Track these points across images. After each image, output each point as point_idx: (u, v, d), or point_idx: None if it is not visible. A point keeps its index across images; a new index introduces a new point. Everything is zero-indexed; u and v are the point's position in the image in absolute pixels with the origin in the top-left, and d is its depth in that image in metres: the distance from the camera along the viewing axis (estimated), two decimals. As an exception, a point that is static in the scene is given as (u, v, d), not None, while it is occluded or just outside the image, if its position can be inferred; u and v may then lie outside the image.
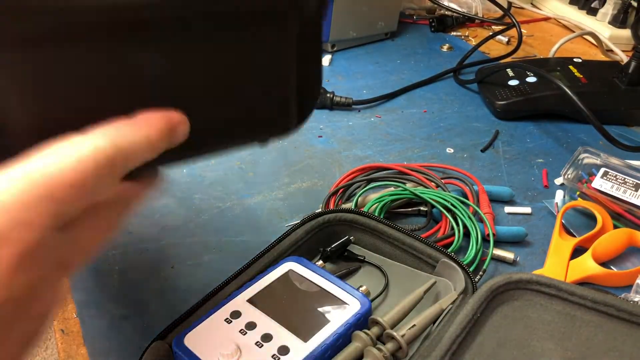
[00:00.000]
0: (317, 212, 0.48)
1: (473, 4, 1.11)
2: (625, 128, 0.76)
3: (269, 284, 0.41)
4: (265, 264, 0.43)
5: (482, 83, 0.83)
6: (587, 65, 0.82)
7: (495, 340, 0.38)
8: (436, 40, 1.03)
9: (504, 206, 0.59)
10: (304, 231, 0.47)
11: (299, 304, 0.40)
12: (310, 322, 0.38)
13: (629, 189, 0.56)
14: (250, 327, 0.37)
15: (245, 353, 0.35)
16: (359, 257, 0.47)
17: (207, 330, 0.37)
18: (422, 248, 0.45)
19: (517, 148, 0.71)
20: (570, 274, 0.50)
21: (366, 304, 0.39)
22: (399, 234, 0.46)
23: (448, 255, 0.44)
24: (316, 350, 0.36)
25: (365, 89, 0.83)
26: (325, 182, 0.60)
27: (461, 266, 0.43)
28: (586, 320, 0.39)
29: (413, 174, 0.59)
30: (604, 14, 1.06)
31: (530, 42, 1.05)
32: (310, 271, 0.42)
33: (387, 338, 0.37)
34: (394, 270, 0.46)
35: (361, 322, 0.39)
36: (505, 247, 0.53)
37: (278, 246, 0.45)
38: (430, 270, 0.45)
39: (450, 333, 0.37)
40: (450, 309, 0.40)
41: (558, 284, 0.40)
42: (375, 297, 0.44)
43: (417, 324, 0.38)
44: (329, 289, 0.40)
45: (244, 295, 0.40)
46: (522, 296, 0.41)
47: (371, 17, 0.96)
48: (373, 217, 0.48)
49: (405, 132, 0.73)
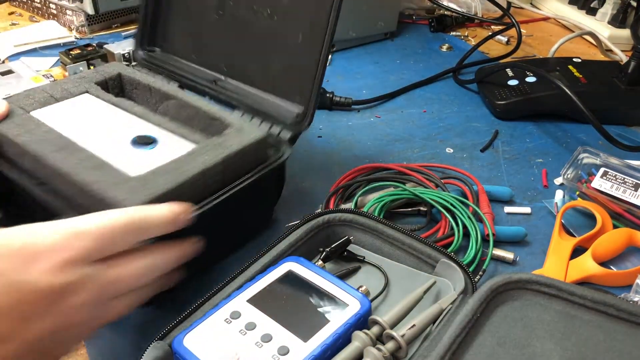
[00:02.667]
0: (317, 212, 0.48)
1: (472, 4, 1.11)
2: (624, 128, 0.76)
3: (268, 284, 0.41)
4: (265, 264, 0.43)
5: (482, 83, 0.83)
6: (586, 65, 0.82)
7: (495, 340, 0.38)
8: (436, 40, 1.03)
9: (504, 206, 0.59)
10: (304, 231, 0.47)
11: (298, 304, 0.40)
12: (310, 322, 0.38)
13: (629, 189, 0.56)
14: (250, 327, 0.37)
15: (245, 353, 0.35)
16: (358, 257, 0.47)
17: (207, 330, 0.37)
18: (421, 248, 0.45)
19: (517, 148, 0.71)
20: (570, 273, 0.50)
21: (366, 304, 0.39)
22: (398, 234, 0.46)
23: (448, 255, 0.44)
24: (316, 350, 0.36)
25: (364, 89, 0.83)
26: (325, 182, 0.60)
27: (461, 266, 0.43)
28: (586, 320, 0.39)
29: (412, 174, 0.59)
30: (603, 14, 1.06)
31: (529, 42, 1.05)
32: (310, 271, 0.42)
33: (386, 338, 0.38)
34: (393, 270, 0.46)
35: (361, 322, 0.39)
36: (505, 247, 0.53)
37: (278, 246, 0.45)
38: (430, 270, 0.45)
39: (450, 333, 0.37)
40: (450, 309, 0.40)
41: (558, 284, 0.40)
42: (375, 297, 0.44)
43: (417, 324, 0.38)
44: (328, 289, 0.40)
45: (244, 296, 0.40)
46: (522, 296, 0.41)
47: (371, 17, 0.96)
48: (373, 217, 0.48)
49: (404, 132, 0.73)
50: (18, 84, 0.71)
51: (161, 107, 0.55)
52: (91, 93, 0.54)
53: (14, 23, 0.99)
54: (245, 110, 0.57)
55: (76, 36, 0.94)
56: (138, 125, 0.50)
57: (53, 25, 0.97)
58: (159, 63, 0.63)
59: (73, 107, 0.52)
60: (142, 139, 0.48)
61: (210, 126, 0.51)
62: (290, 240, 0.45)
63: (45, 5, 0.99)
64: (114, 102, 0.53)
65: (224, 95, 0.59)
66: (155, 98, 0.55)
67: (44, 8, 1.00)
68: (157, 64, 0.63)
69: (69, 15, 0.96)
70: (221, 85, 0.60)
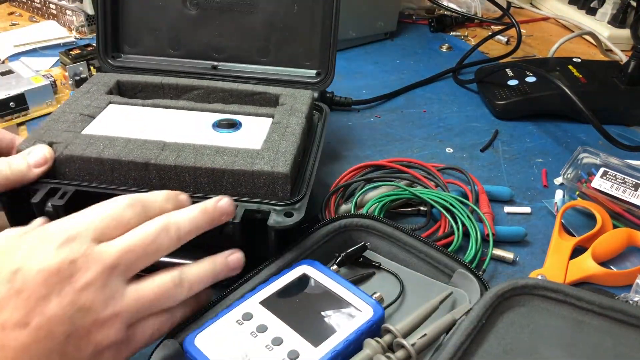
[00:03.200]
0: (334, 216, 0.47)
1: (472, 4, 1.11)
2: (624, 128, 0.76)
3: (282, 286, 0.41)
4: (279, 267, 0.43)
5: (482, 83, 0.83)
6: (586, 65, 0.82)
7: (502, 347, 0.37)
8: (435, 40, 1.03)
9: (504, 206, 0.59)
10: (320, 235, 0.46)
11: (311, 308, 0.39)
12: (321, 327, 0.37)
13: (629, 189, 0.56)
14: (261, 329, 0.37)
15: (254, 356, 0.35)
16: (374, 264, 0.47)
17: (219, 331, 0.37)
18: (438, 257, 0.45)
19: (517, 148, 0.71)
20: (570, 273, 0.50)
21: (379, 311, 0.39)
22: (416, 241, 0.46)
23: (465, 265, 0.43)
24: (326, 356, 0.35)
25: (364, 89, 0.83)
26: (325, 181, 0.60)
27: (478, 277, 0.42)
28: (594, 326, 0.38)
29: (411, 172, 0.59)
30: (603, 14, 1.06)
31: (529, 42, 1.05)
32: (324, 275, 0.41)
33: (397, 346, 0.37)
34: (409, 279, 0.45)
35: (373, 329, 0.38)
36: (505, 247, 0.53)
37: (293, 249, 0.44)
38: (447, 280, 0.44)
39: (455, 340, 0.36)
40: (462, 319, 0.39)
41: (565, 289, 0.39)
42: (389, 304, 0.43)
43: (428, 334, 0.37)
44: (342, 294, 0.40)
45: (257, 297, 0.39)
46: (529, 302, 0.40)
47: (371, 17, 0.96)
48: (390, 224, 0.47)
49: (404, 132, 0.73)
50: (18, 84, 0.71)
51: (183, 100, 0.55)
52: (115, 102, 0.53)
53: (14, 23, 0.99)
54: (262, 83, 0.58)
55: (76, 36, 0.94)
56: (197, 116, 0.51)
57: (53, 26, 0.97)
58: (130, 65, 0.61)
59: (115, 118, 0.50)
60: (225, 122, 0.50)
61: (260, 101, 0.54)
62: (307, 244, 0.45)
63: (45, 5, 0.99)
64: (148, 105, 0.53)
65: (229, 77, 0.60)
66: (171, 94, 0.55)
67: (43, 8, 1.00)
68: (129, 67, 0.61)
69: (68, 16, 0.96)
70: (223, 69, 0.61)
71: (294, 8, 0.60)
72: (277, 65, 0.62)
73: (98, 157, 0.43)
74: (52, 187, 0.42)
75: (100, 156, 0.43)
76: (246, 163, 0.43)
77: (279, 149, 0.45)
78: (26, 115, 0.71)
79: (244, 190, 0.43)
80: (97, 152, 0.44)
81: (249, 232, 0.42)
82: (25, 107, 0.70)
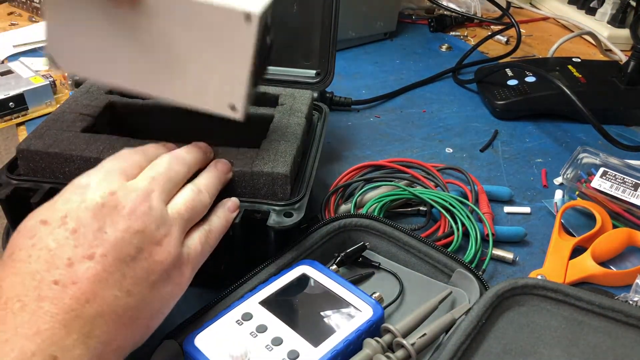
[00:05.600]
0: (333, 216, 0.47)
1: (472, 4, 1.11)
2: (624, 128, 0.76)
3: (281, 287, 0.41)
4: (279, 267, 0.43)
5: (481, 83, 0.83)
6: (586, 65, 0.82)
7: (501, 346, 0.37)
8: (435, 40, 1.03)
9: (503, 206, 0.59)
10: (320, 235, 0.46)
11: (311, 308, 0.39)
12: (321, 327, 0.37)
13: (628, 189, 0.56)
14: (261, 329, 0.37)
15: (254, 356, 0.35)
16: (373, 263, 0.47)
17: (218, 331, 0.37)
18: (438, 257, 0.45)
19: (516, 148, 0.71)
20: (570, 273, 0.50)
21: (379, 311, 0.39)
22: (415, 241, 0.46)
23: (464, 265, 0.43)
24: (326, 356, 0.35)
25: (364, 89, 0.83)
26: (324, 181, 0.60)
27: (477, 277, 0.42)
28: (594, 326, 0.38)
29: (411, 172, 0.59)
30: (602, 14, 1.06)
31: (529, 41, 1.05)
32: (323, 275, 0.41)
33: (397, 346, 0.37)
34: (409, 278, 0.45)
35: (373, 329, 0.38)
36: (505, 247, 0.53)
37: (292, 249, 0.44)
38: (446, 280, 0.44)
39: (455, 340, 0.36)
40: (462, 319, 0.39)
41: (565, 289, 0.39)
42: (388, 304, 0.43)
43: (428, 333, 0.37)
44: (341, 294, 0.40)
45: (257, 297, 0.39)
46: (528, 302, 0.40)
47: (370, 17, 0.96)
48: (389, 224, 0.47)
49: (404, 132, 0.73)
50: (17, 84, 0.71)
51: None
52: (115, 102, 0.52)
53: (13, 23, 0.98)
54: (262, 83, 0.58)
55: (75, 36, 0.93)
56: None
57: (52, 26, 0.96)
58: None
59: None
60: None
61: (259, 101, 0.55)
62: (306, 244, 0.45)
63: (44, 5, 0.99)
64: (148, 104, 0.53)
65: None
66: None
67: (43, 8, 1.00)
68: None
69: (68, 16, 0.96)
70: None
71: (293, 8, 0.60)
72: (277, 65, 0.62)
73: (98, 157, 0.43)
74: (52, 187, 0.42)
75: (100, 156, 0.43)
76: (246, 163, 0.43)
77: (279, 150, 0.45)
78: (25, 116, 0.71)
79: (244, 190, 0.43)
80: (97, 152, 0.44)
81: (248, 232, 0.42)
82: (25, 107, 0.70)
